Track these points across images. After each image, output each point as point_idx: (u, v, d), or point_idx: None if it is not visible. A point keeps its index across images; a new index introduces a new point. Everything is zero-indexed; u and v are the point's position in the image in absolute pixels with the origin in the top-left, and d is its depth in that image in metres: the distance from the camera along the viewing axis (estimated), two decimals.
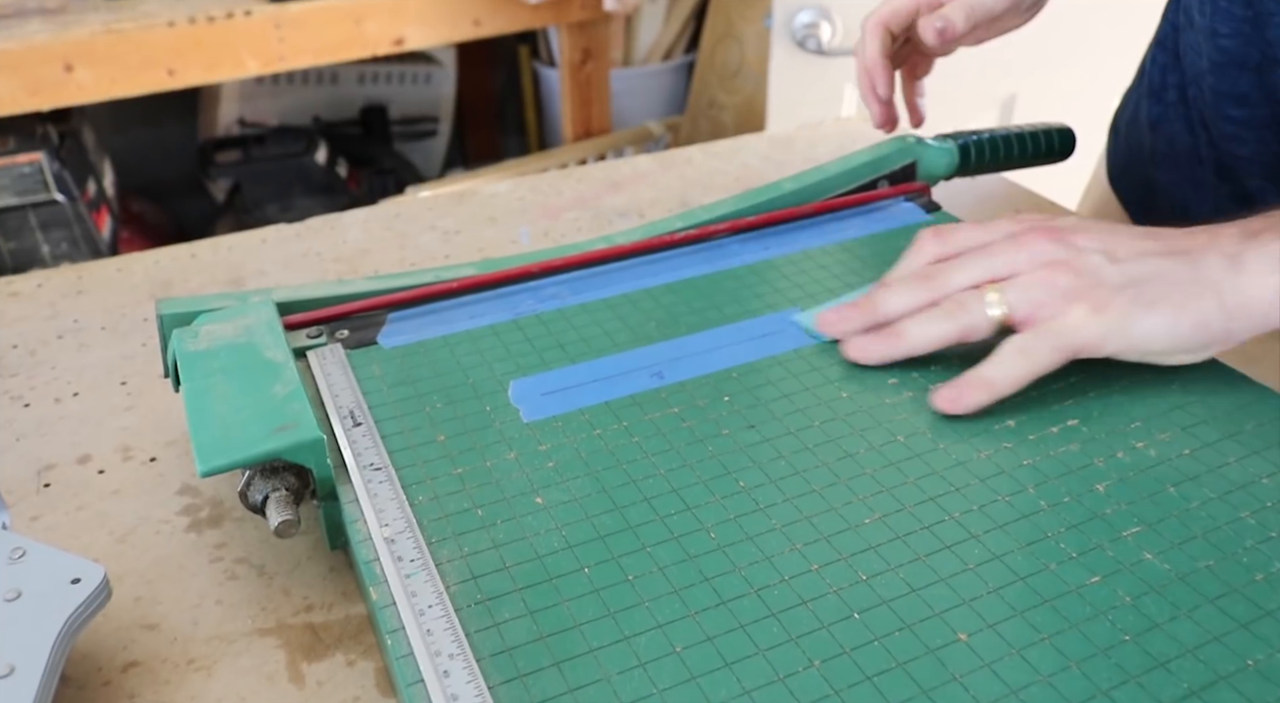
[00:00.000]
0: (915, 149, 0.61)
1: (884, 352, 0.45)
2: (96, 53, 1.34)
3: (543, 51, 2.22)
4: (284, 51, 1.46)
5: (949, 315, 0.44)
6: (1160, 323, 0.41)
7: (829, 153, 0.81)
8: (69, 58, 1.32)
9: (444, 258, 0.67)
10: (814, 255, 0.55)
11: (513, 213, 0.73)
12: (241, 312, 0.47)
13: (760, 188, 0.59)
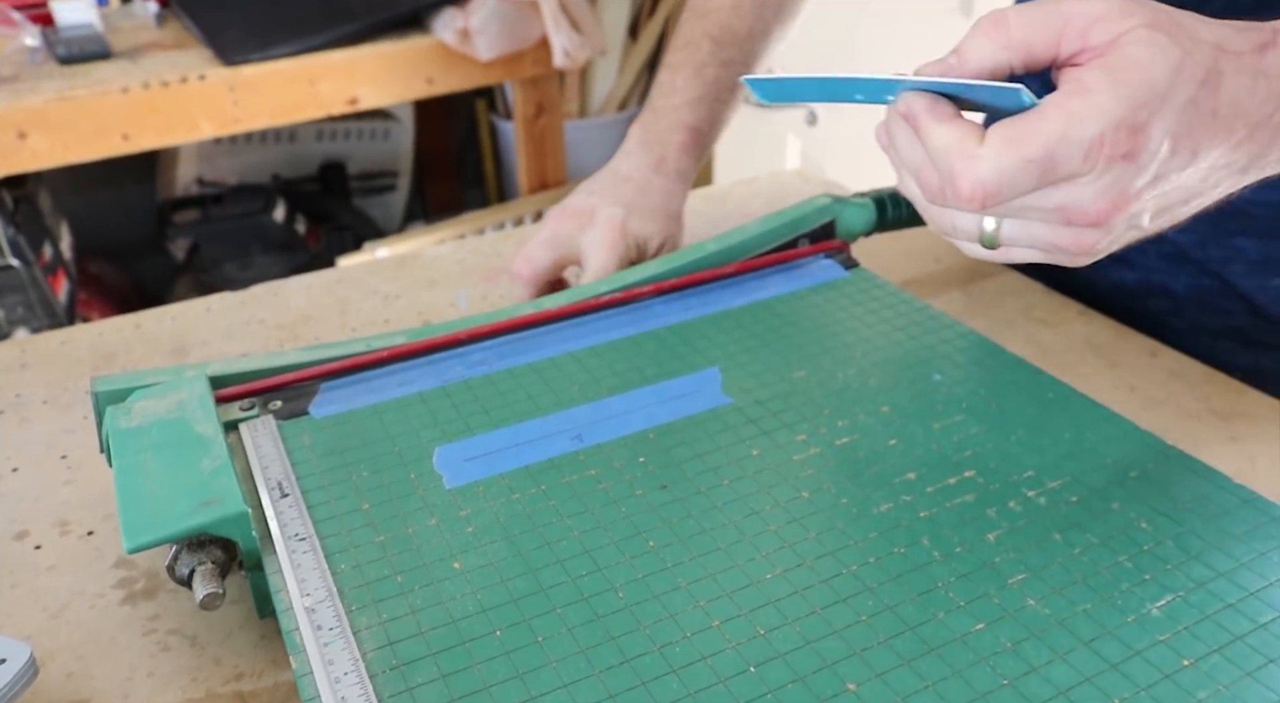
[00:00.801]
0: (833, 208, 0.64)
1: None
2: (50, 120, 1.35)
3: (499, 105, 2.26)
4: (239, 114, 1.48)
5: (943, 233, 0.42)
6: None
7: (762, 208, 0.84)
8: (22, 125, 1.34)
9: (384, 323, 0.69)
10: (735, 314, 0.57)
11: (453, 276, 0.75)
12: (175, 387, 0.48)
13: (684, 249, 0.61)
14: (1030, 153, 0.35)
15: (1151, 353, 0.63)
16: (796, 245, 0.63)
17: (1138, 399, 0.59)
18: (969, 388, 0.50)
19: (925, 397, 0.50)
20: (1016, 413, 0.48)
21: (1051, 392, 0.50)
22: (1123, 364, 0.62)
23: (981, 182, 0.36)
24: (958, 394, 0.50)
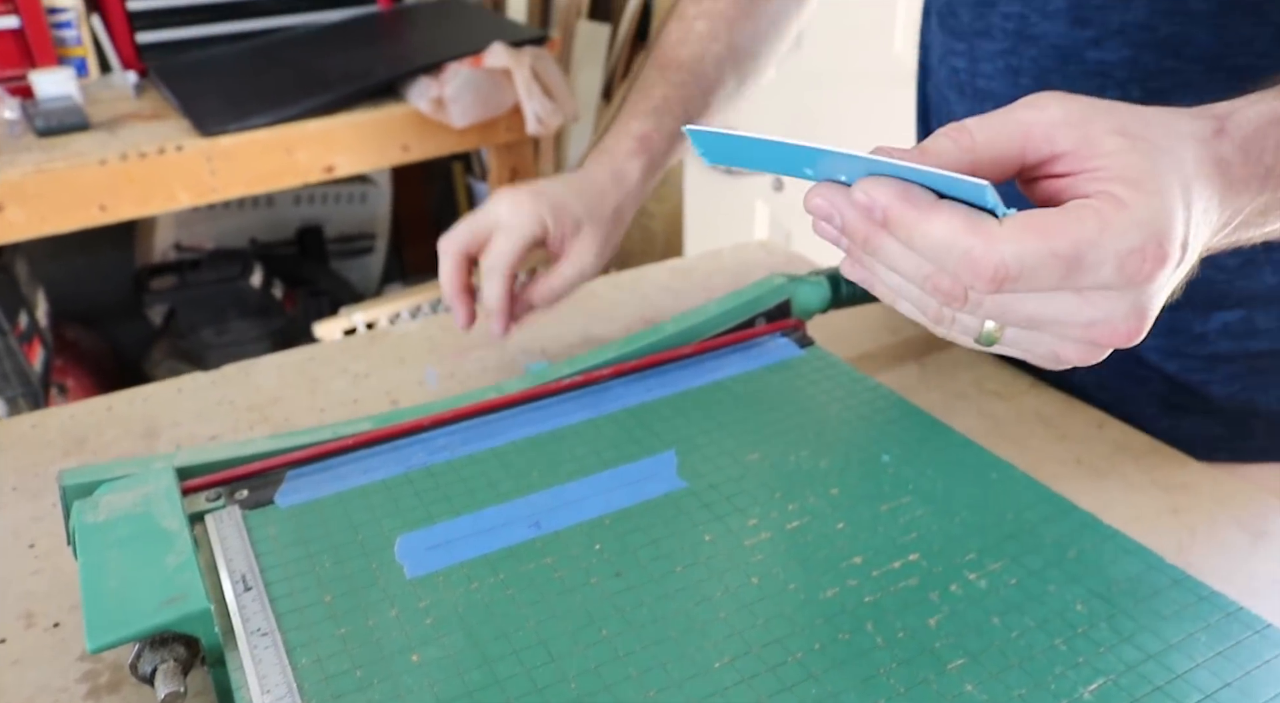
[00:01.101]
0: (788, 287, 0.66)
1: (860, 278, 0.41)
2: (28, 192, 1.37)
3: (476, 167, 2.29)
4: (216, 184, 1.50)
5: (934, 327, 0.40)
6: None
7: (726, 281, 0.86)
8: (0, 198, 1.35)
9: (353, 402, 0.70)
10: (692, 395, 0.59)
11: (421, 353, 0.77)
12: (142, 480, 0.49)
13: (643, 331, 0.63)
14: (1058, 247, 0.33)
15: (1099, 424, 0.65)
16: (754, 324, 0.65)
17: (1084, 472, 0.61)
18: (916, 468, 0.52)
19: (874, 478, 0.51)
20: (961, 493, 0.50)
21: (995, 472, 0.52)
22: (1071, 436, 0.64)
23: (1004, 263, 0.33)
24: (905, 475, 0.51)
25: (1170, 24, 0.58)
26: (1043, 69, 0.63)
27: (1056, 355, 0.38)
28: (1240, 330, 0.63)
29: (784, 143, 0.37)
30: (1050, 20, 0.62)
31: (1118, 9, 0.59)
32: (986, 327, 0.38)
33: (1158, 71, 0.59)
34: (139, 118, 1.57)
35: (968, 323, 0.38)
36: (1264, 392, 0.65)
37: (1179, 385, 0.66)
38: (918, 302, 0.39)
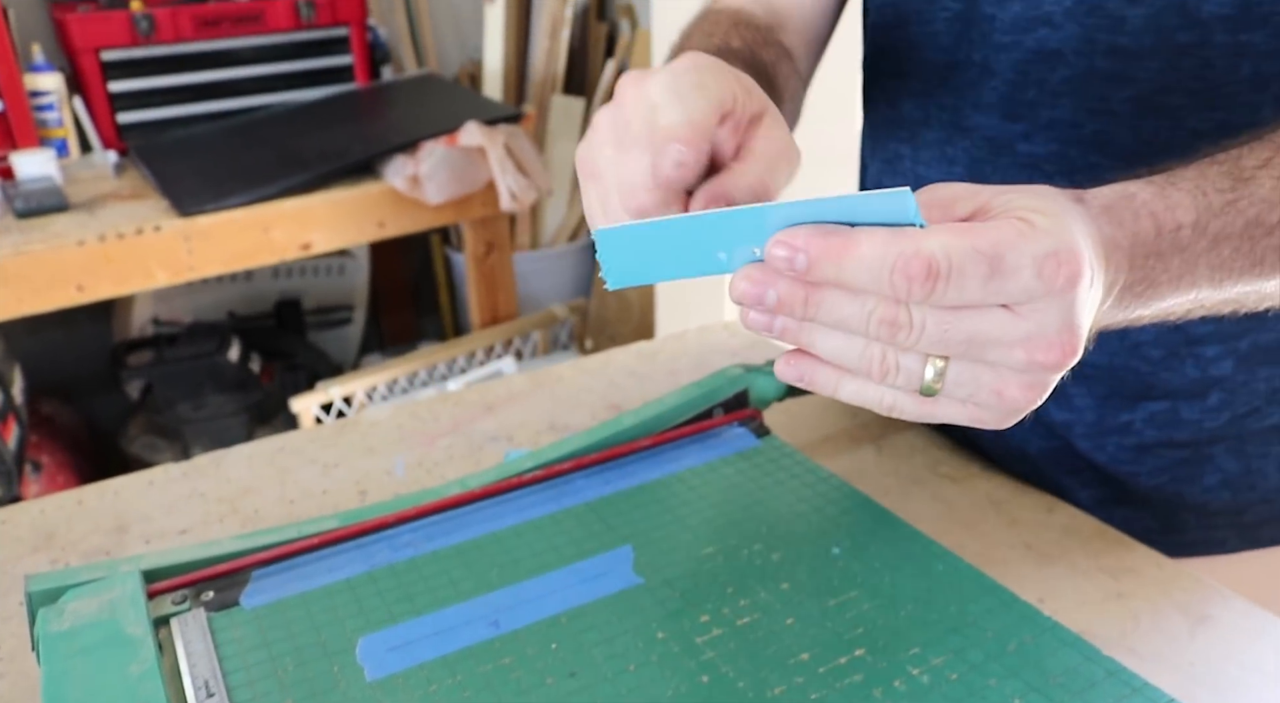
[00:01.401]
0: (745, 378, 0.68)
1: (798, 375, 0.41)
2: (5, 274, 1.38)
3: (453, 238, 2.32)
4: (193, 262, 1.52)
5: (881, 380, 0.39)
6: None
7: (690, 364, 0.89)
8: None
9: (322, 493, 0.72)
10: (650, 488, 0.61)
11: (390, 442, 0.78)
12: (108, 585, 0.50)
13: (603, 424, 0.65)
14: (980, 244, 0.35)
15: (1048, 509, 0.67)
16: (712, 415, 0.67)
17: (1033, 557, 0.62)
18: (865, 561, 0.54)
19: (824, 572, 0.53)
20: (907, 586, 0.52)
21: (941, 563, 0.53)
22: (1021, 521, 0.66)
23: (934, 257, 0.35)
24: (854, 568, 0.53)
25: (1094, 122, 0.61)
26: (975, 159, 0.66)
27: (1000, 395, 0.38)
28: (1165, 421, 0.66)
29: (691, 216, 0.38)
30: (983, 113, 0.65)
31: (1046, 106, 0.62)
32: (928, 375, 0.38)
33: (1084, 166, 0.63)
34: (118, 198, 1.59)
35: (911, 368, 0.38)
36: (1191, 483, 0.67)
37: (1109, 477, 0.68)
38: (862, 359, 0.39)
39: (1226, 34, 0.57)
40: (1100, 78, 0.60)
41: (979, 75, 0.65)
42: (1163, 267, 0.43)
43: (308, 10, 1.86)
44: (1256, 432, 0.67)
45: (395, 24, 2.24)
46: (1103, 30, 0.59)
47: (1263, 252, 0.45)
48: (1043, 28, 0.61)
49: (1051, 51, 0.61)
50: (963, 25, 0.65)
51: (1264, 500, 0.68)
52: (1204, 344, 0.65)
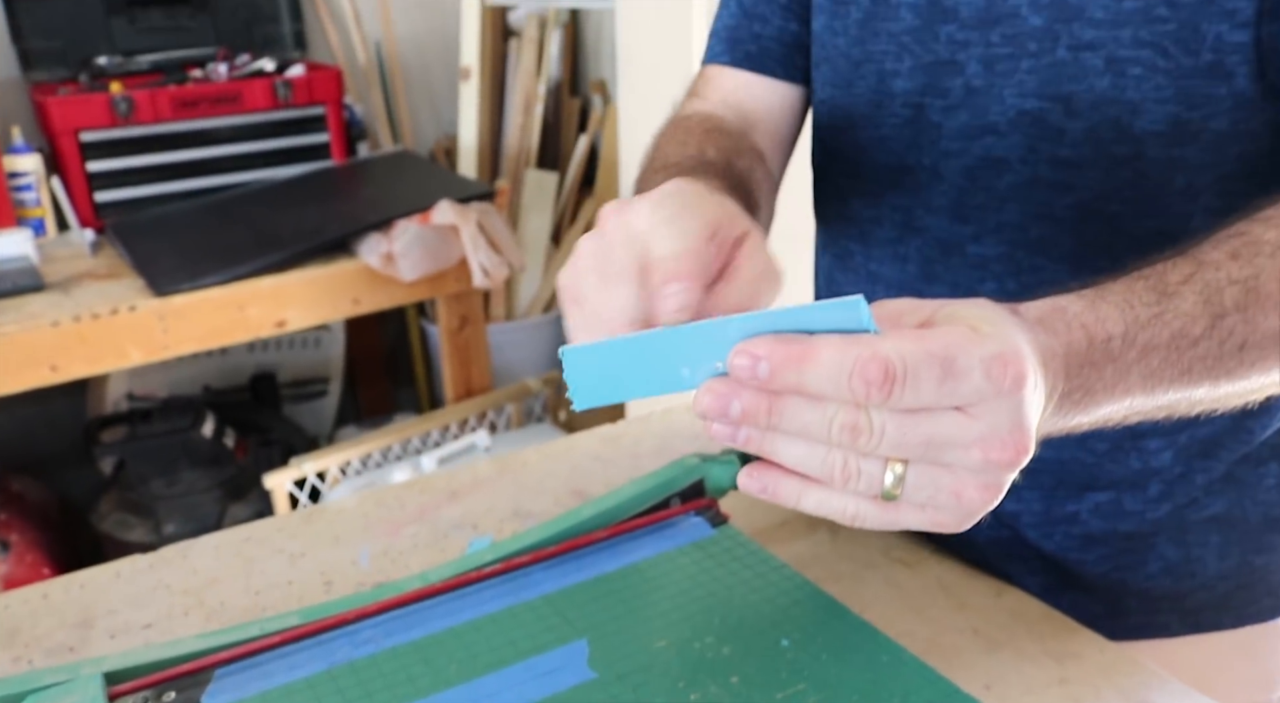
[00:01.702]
0: (702, 467, 0.70)
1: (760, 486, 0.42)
2: None
3: (429, 310, 2.34)
4: (167, 341, 1.53)
5: (834, 484, 0.40)
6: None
7: (653, 449, 0.90)
8: None
9: (287, 584, 0.73)
10: (607, 580, 0.62)
11: (356, 531, 0.79)
12: (70, 689, 0.51)
13: (562, 516, 0.67)
14: (933, 347, 0.37)
15: (997, 593, 0.69)
16: (669, 504, 0.69)
17: (980, 643, 0.64)
18: (812, 653, 0.55)
19: (773, 664, 0.54)
20: (853, 678, 0.53)
21: (887, 654, 0.55)
22: (969, 605, 0.68)
23: (890, 361, 0.36)
24: (802, 661, 0.54)
25: (1039, 227, 0.64)
26: (927, 258, 0.69)
27: (959, 497, 0.40)
28: (1110, 511, 0.68)
29: (655, 332, 0.39)
30: (934, 215, 0.68)
31: (993, 210, 0.66)
32: (888, 480, 0.39)
33: (1029, 267, 0.66)
34: (94, 277, 1.61)
35: (872, 473, 0.40)
36: (1134, 571, 0.69)
37: (1056, 563, 0.70)
38: (824, 466, 0.40)
39: (1159, 148, 0.60)
40: (1044, 185, 0.63)
41: (929, 179, 0.68)
42: (1097, 375, 0.46)
43: (285, 90, 1.90)
44: (1195, 522, 0.69)
45: (371, 101, 2.29)
46: (1045, 141, 0.62)
47: (1189, 362, 0.48)
48: (989, 136, 0.64)
49: (997, 159, 0.64)
50: (912, 132, 0.68)
51: (1204, 587, 0.71)
52: (1146, 438, 0.67)
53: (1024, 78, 0.62)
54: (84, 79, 1.83)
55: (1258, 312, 0.48)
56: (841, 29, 0.70)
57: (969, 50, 0.64)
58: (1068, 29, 0.60)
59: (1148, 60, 0.58)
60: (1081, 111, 0.61)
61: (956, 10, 0.64)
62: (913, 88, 0.67)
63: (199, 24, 2.01)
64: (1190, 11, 0.57)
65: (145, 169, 1.84)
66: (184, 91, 1.83)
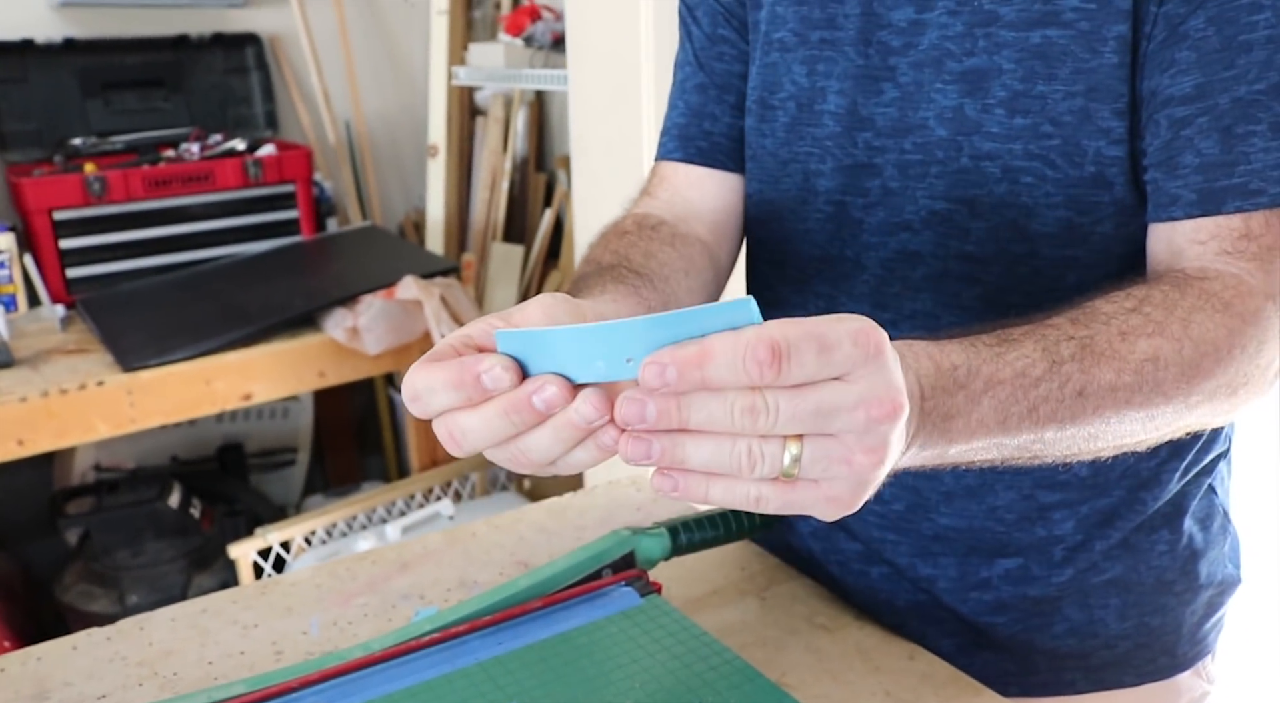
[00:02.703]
0: (631, 540, 0.75)
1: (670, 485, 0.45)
2: None
3: (396, 380, 2.38)
4: (134, 414, 1.57)
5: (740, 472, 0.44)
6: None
7: (596, 520, 0.95)
8: None
9: (239, 654, 0.76)
10: (538, 648, 0.66)
11: (308, 601, 0.83)
12: None
13: (498, 587, 0.71)
14: (808, 328, 0.42)
15: (910, 656, 0.74)
16: (601, 575, 0.73)
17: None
18: None
19: None
20: None
21: None
22: (883, 668, 0.72)
23: (775, 340, 0.41)
24: None
25: (950, 315, 0.70)
26: None
27: (849, 464, 0.44)
28: (1019, 577, 0.73)
29: (576, 328, 0.44)
30: (856, 302, 0.74)
31: (909, 299, 0.72)
32: (786, 459, 0.43)
33: None
34: (63, 352, 1.65)
35: (773, 454, 0.43)
36: (1041, 631, 0.74)
37: (970, 625, 0.75)
38: (731, 457, 0.44)
39: (1053, 248, 0.67)
40: (953, 278, 0.70)
41: (851, 269, 0.74)
42: (949, 398, 0.51)
43: (255, 169, 1.96)
44: (1097, 586, 0.74)
45: (341, 178, 2.36)
46: (953, 238, 0.69)
47: (1034, 400, 0.53)
48: (904, 232, 0.71)
49: (912, 253, 0.71)
50: (835, 225, 0.74)
51: (1106, 646, 0.75)
52: (1051, 510, 0.73)
53: (933, 182, 0.69)
54: (59, 160, 1.89)
55: (1092, 364, 0.54)
56: (769, 131, 0.76)
57: (885, 156, 0.70)
58: (969, 141, 0.67)
59: (1038, 171, 0.66)
60: (984, 213, 0.68)
61: (873, 120, 0.70)
62: (834, 186, 0.73)
63: (173, 106, 2.08)
64: (1072, 130, 0.64)
65: (117, 245, 1.89)
66: (156, 171, 1.88)
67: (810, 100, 0.73)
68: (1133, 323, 0.57)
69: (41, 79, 1.95)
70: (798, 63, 0.73)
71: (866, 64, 0.70)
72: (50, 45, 1.96)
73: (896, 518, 0.76)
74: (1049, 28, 0.64)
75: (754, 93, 0.77)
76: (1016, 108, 0.65)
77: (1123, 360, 0.55)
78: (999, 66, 0.65)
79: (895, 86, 0.69)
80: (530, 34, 1.98)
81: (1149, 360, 0.55)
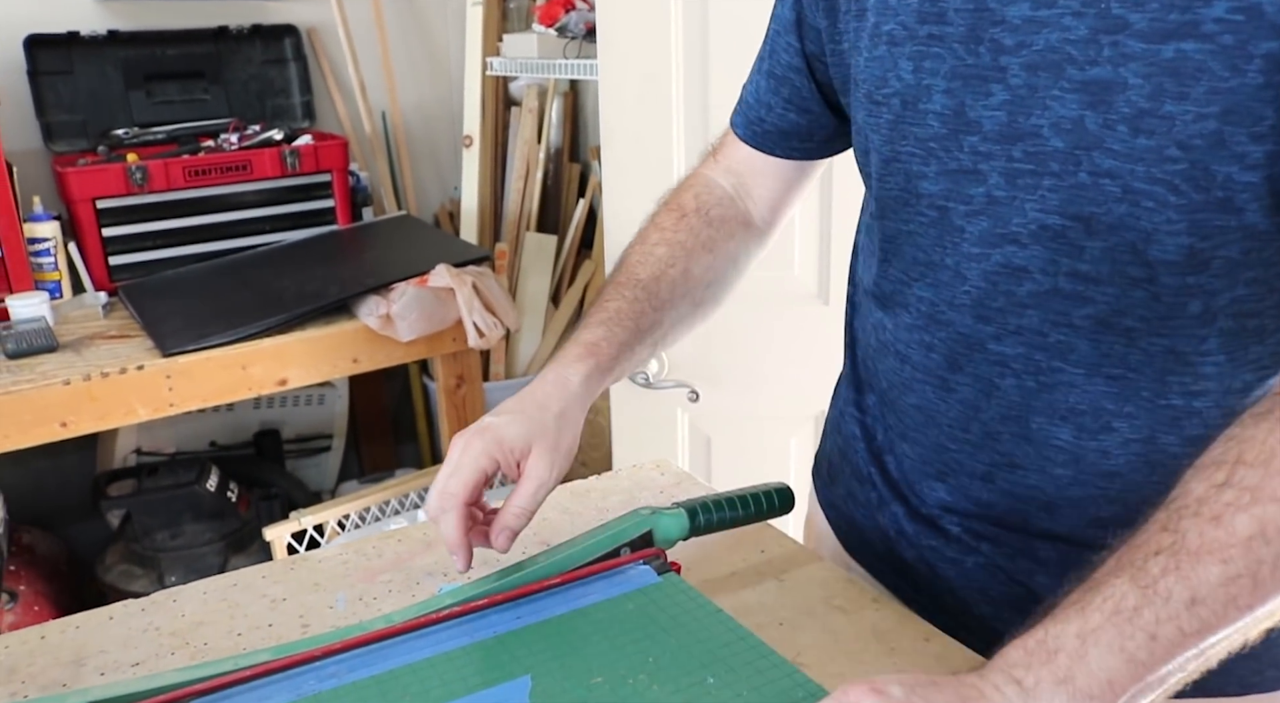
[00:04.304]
0: (650, 520, 0.76)
1: None
2: None
3: (431, 368, 2.41)
4: (173, 398, 1.60)
5: None
6: None
7: (619, 503, 0.96)
8: None
9: (267, 626, 0.78)
10: (556, 623, 0.67)
11: (335, 577, 0.85)
12: None
13: (519, 562, 0.72)
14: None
15: (925, 638, 0.74)
16: (619, 554, 0.74)
17: None
18: (734, 689, 0.60)
19: (696, 699, 0.59)
20: None
21: (802, 691, 0.60)
22: (899, 650, 0.73)
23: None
24: (724, 696, 0.59)
25: (1057, 332, 0.68)
26: (951, 351, 0.73)
27: None
28: None
29: None
30: (957, 312, 0.72)
31: (1014, 313, 0.69)
32: None
33: (1048, 369, 0.69)
34: (105, 337, 1.68)
35: None
36: None
37: None
38: None
39: (1173, 275, 0.63)
40: (1063, 296, 0.66)
41: (951, 278, 0.71)
42: (1048, 667, 0.52)
43: (293, 159, 1.99)
44: None
45: (377, 168, 2.38)
46: (1065, 255, 0.65)
47: (1149, 628, 0.52)
48: (1009, 245, 0.67)
49: (1018, 267, 0.67)
50: (938, 231, 0.71)
51: None
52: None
53: (1045, 194, 0.64)
54: (102, 150, 1.93)
55: (1191, 568, 0.52)
56: (874, 127, 0.74)
57: (991, 162, 0.66)
58: (1088, 156, 0.62)
59: (1160, 196, 0.60)
60: (1100, 232, 0.63)
61: (980, 123, 0.66)
62: (938, 191, 0.70)
63: (213, 97, 2.11)
64: (1201, 154, 0.58)
65: (158, 234, 1.93)
66: (196, 161, 1.92)
67: (915, 98, 0.69)
68: (1225, 499, 0.53)
69: (86, 71, 1.99)
70: (904, 58, 0.69)
71: (976, 63, 0.65)
72: (94, 38, 2.00)
73: (999, 516, 0.76)
74: (1185, 40, 0.57)
75: (863, 87, 0.74)
76: (1141, 127, 0.59)
77: (1225, 549, 0.52)
78: (1124, 80, 0.59)
79: (1005, 88, 0.64)
80: (564, 24, 1.99)
81: (1255, 537, 0.52)
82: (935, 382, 0.75)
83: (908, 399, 0.78)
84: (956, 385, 0.74)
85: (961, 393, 0.73)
